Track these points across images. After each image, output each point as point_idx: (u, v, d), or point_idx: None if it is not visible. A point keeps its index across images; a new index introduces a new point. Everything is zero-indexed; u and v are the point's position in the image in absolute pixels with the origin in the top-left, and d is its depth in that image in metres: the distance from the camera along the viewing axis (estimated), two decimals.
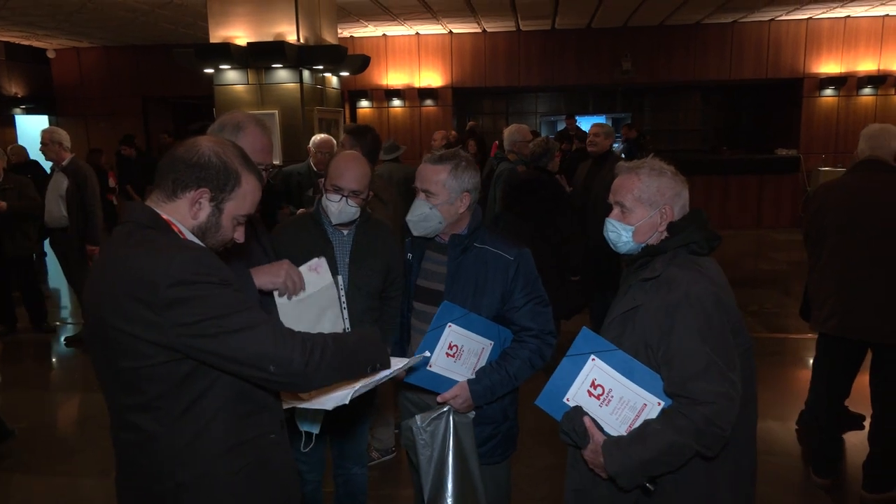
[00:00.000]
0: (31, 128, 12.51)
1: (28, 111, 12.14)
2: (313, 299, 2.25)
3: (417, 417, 2.34)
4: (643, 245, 1.94)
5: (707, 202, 11.49)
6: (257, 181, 1.66)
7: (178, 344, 1.46)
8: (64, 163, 5.83)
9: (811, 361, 5.36)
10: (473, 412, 2.36)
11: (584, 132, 8.72)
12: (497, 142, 10.58)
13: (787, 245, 9.70)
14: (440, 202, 2.33)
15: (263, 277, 2.05)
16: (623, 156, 10.36)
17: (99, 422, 4.43)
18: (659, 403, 1.82)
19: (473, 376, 2.34)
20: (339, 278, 2.46)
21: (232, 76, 7.52)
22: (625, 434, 1.84)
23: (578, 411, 1.89)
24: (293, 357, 1.50)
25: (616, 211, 1.98)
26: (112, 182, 9.32)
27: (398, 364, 1.85)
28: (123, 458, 1.65)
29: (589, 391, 1.89)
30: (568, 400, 1.92)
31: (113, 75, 12.68)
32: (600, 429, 1.87)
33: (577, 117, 11.37)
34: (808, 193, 10.82)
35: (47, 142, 5.77)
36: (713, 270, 1.89)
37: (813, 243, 3.56)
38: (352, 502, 2.84)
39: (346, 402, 1.68)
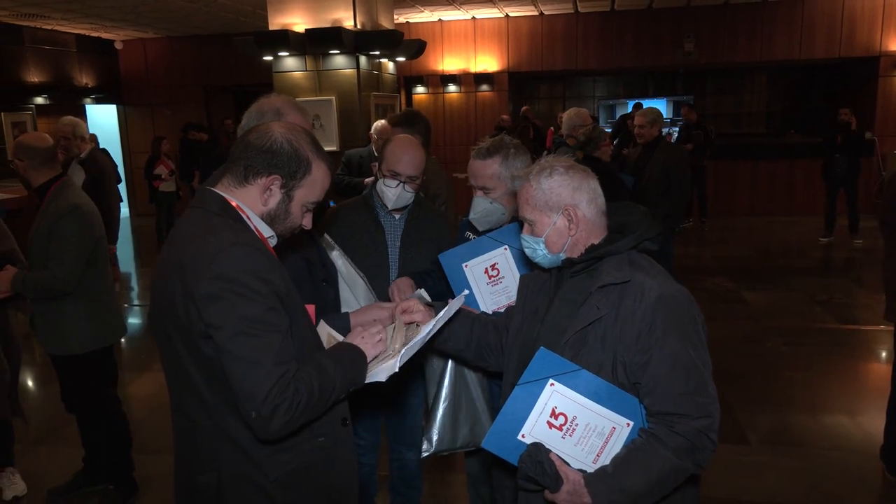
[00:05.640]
0: (100, 117, 12.98)
1: (98, 101, 12.56)
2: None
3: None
4: (562, 255, 1.75)
5: (772, 188, 10.97)
6: (328, 168, 1.64)
7: (206, 335, 1.45)
8: (82, 155, 5.34)
9: (883, 354, 5.15)
10: None
11: None
12: (552, 128, 10.45)
13: (859, 232, 9.24)
14: (499, 195, 2.33)
15: None
16: (677, 136, 10.06)
17: (146, 403, 4.59)
18: (628, 424, 1.63)
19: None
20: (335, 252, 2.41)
21: (290, 63, 7.61)
22: (592, 465, 1.64)
23: (541, 449, 1.62)
24: (274, 416, 1.42)
25: (526, 226, 1.79)
26: (164, 170, 9.21)
27: (439, 314, 1.81)
28: (176, 442, 1.66)
29: (549, 422, 1.63)
30: (523, 436, 1.64)
31: (176, 65, 12.97)
32: (566, 465, 1.64)
33: (639, 101, 11.09)
34: (882, 178, 10.30)
35: (70, 136, 5.25)
36: (661, 267, 1.75)
37: (891, 229, 3.38)
38: (406, 487, 2.86)
39: (397, 370, 1.61)
